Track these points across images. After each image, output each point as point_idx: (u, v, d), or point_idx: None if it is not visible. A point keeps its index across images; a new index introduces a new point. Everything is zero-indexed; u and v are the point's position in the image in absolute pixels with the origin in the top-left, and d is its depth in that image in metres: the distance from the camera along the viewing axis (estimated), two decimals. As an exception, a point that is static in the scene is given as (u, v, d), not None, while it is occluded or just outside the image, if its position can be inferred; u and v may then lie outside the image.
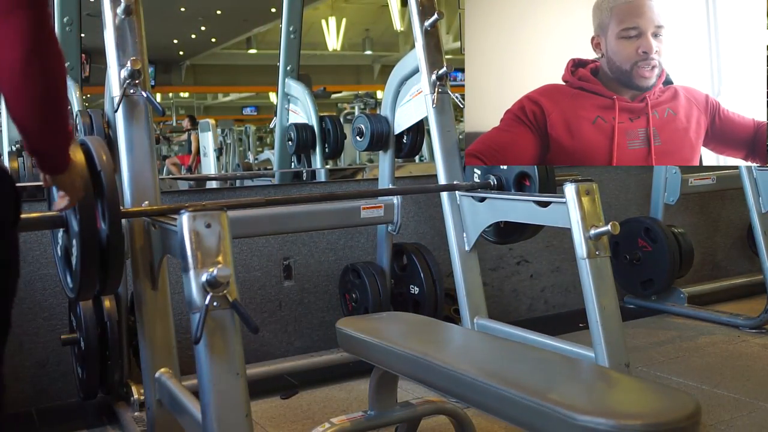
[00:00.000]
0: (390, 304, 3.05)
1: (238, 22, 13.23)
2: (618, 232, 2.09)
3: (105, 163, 1.88)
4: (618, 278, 3.14)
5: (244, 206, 2.59)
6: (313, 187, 3.54)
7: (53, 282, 2.72)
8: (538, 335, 2.45)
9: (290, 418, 2.60)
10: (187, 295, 1.61)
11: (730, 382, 2.76)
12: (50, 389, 2.83)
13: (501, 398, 1.44)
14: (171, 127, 12.70)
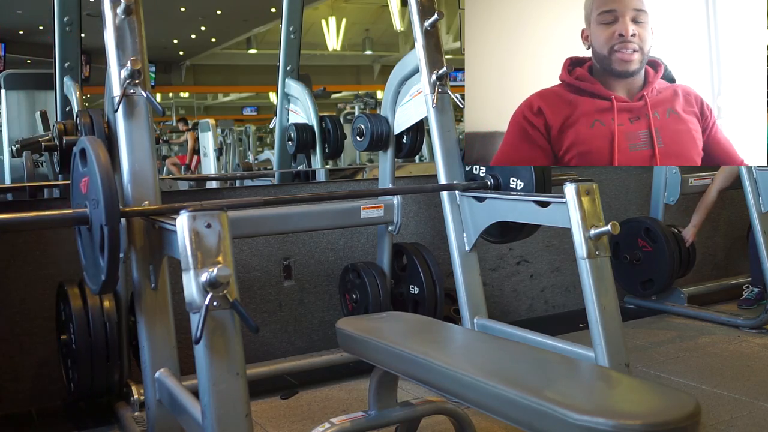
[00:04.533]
0: (390, 304, 3.04)
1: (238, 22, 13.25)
2: (618, 232, 2.09)
3: (104, 163, 1.88)
4: (618, 278, 3.15)
5: (244, 206, 2.60)
6: (313, 187, 3.54)
7: (53, 282, 2.72)
8: (538, 335, 2.45)
9: (290, 418, 2.60)
10: (187, 295, 1.61)
11: (730, 382, 2.76)
12: (50, 389, 2.83)
13: (501, 398, 1.44)
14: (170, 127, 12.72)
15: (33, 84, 5.06)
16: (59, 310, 2.63)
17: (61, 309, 2.61)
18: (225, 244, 1.64)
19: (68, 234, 2.81)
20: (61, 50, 3.69)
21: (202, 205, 1.68)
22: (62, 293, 2.58)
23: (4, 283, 2.79)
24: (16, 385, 2.79)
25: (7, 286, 2.79)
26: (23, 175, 4.06)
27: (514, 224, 2.70)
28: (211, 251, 1.62)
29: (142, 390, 2.25)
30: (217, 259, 1.61)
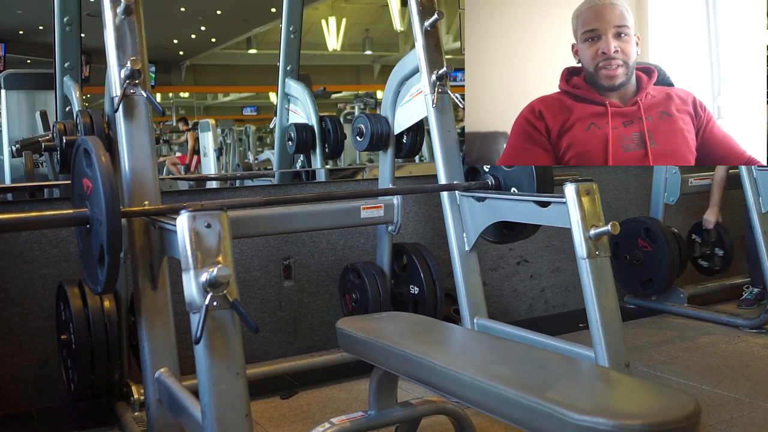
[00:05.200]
0: (390, 304, 3.04)
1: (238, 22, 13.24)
2: (618, 232, 2.10)
3: (104, 163, 1.88)
4: (618, 278, 3.15)
5: (244, 206, 2.59)
6: (313, 187, 3.54)
7: (53, 282, 2.73)
8: (538, 335, 2.45)
9: (290, 418, 2.60)
10: (187, 295, 1.61)
11: (730, 382, 2.76)
12: (50, 389, 2.83)
13: (501, 398, 1.44)
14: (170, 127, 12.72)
15: (33, 84, 5.05)
16: (59, 310, 2.63)
17: (61, 309, 2.61)
18: (225, 244, 1.64)
19: (68, 234, 2.82)
20: (61, 50, 3.69)
21: (202, 205, 1.68)
22: (62, 293, 2.57)
23: (4, 283, 2.79)
24: (16, 385, 2.79)
25: (7, 286, 2.79)
26: (23, 175, 4.06)
27: (515, 224, 2.70)
28: (211, 251, 1.62)
29: (142, 390, 2.25)
30: (217, 259, 1.61)
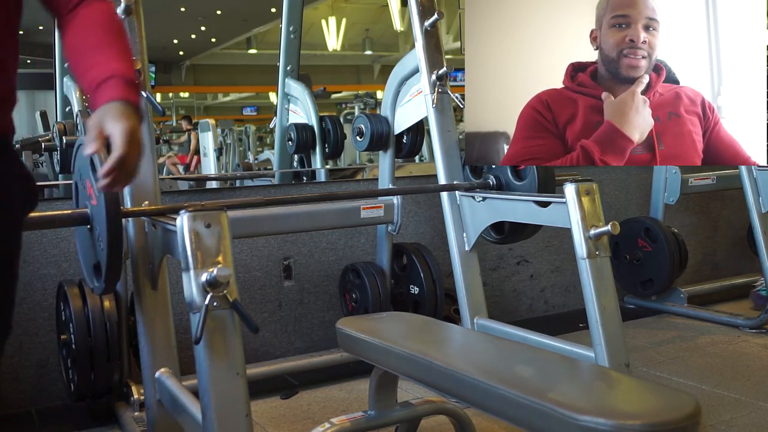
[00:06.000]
0: (390, 304, 3.04)
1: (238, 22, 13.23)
2: (618, 232, 2.09)
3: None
4: (618, 278, 3.15)
5: (244, 206, 2.59)
6: (313, 187, 3.54)
7: (53, 282, 2.72)
8: (538, 335, 2.45)
9: (290, 418, 2.60)
10: (187, 295, 1.61)
11: (730, 382, 2.76)
12: (50, 389, 2.83)
13: (501, 398, 1.44)
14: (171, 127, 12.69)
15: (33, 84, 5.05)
16: (59, 310, 2.63)
17: (61, 309, 2.61)
18: (225, 244, 1.64)
19: (68, 234, 2.82)
20: (61, 50, 3.69)
21: (202, 205, 1.68)
22: (62, 293, 2.57)
23: (4, 283, 2.78)
24: (16, 385, 2.79)
25: (7, 286, 2.79)
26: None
27: (515, 225, 2.70)
28: (211, 251, 1.62)
29: (142, 390, 2.25)
30: (217, 259, 1.61)
